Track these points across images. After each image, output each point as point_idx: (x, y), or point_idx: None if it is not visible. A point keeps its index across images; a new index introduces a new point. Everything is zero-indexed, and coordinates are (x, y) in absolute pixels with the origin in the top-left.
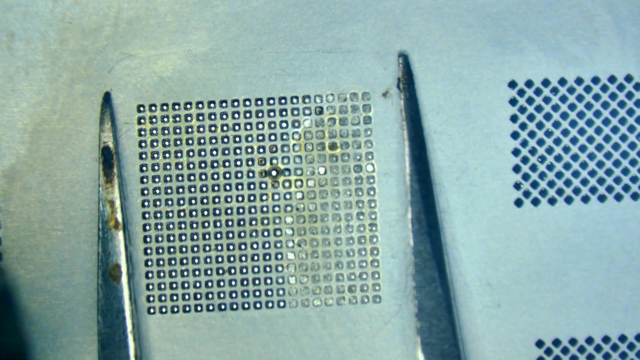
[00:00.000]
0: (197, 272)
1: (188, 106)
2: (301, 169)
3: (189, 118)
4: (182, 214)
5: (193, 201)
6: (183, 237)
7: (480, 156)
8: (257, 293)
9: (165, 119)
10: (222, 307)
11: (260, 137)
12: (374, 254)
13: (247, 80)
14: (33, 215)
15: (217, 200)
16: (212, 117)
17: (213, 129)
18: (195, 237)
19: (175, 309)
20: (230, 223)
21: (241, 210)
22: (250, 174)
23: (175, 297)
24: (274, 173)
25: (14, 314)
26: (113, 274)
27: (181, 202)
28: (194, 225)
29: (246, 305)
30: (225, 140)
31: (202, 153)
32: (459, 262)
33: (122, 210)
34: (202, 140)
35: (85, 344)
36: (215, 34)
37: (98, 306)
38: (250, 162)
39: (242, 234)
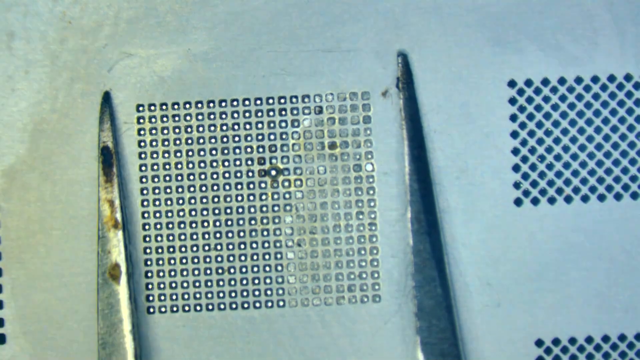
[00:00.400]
0: (196, 272)
1: (187, 106)
2: (301, 168)
3: (188, 117)
4: (181, 213)
5: (193, 201)
6: (183, 237)
7: (480, 155)
8: (257, 293)
9: (165, 119)
10: (222, 306)
11: (260, 137)
12: (374, 253)
13: (246, 80)
14: (33, 215)
15: (216, 200)
16: (212, 116)
17: (212, 128)
18: (195, 236)
19: (175, 309)
20: (230, 223)
21: (241, 210)
22: (250, 174)
23: (175, 297)
24: (273, 173)
25: None
26: (113, 273)
27: (181, 201)
28: (194, 225)
29: (246, 305)
30: (225, 139)
31: (202, 153)
32: (459, 262)
33: (122, 209)
34: (201, 140)
35: (85, 344)
36: (215, 34)
37: (98, 306)
38: (249, 162)
39: (242, 234)
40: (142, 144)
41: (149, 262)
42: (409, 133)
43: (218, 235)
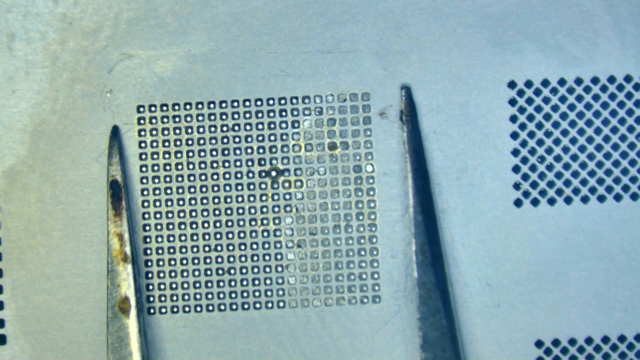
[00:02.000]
0: (197, 273)
1: (188, 107)
2: (301, 169)
3: (188, 118)
4: (182, 214)
5: (193, 201)
6: (183, 238)
7: (480, 156)
8: (257, 293)
9: (165, 120)
10: (222, 307)
11: (260, 138)
12: (374, 254)
13: (246, 81)
14: (33, 216)
15: (217, 200)
16: (212, 117)
17: (213, 129)
18: (195, 237)
19: (175, 309)
20: (230, 224)
21: (241, 210)
22: (250, 174)
23: (175, 298)
24: (273, 173)
25: None
26: (122, 307)
27: (181, 202)
28: (194, 226)
29: (246, 306)
30: (225, 140)
31: (202, 153)
32: (458, 262)
33: (131, 243)
34: (201, 141)
35: (85, 345)
36: (215, 35)
37: (107, 340)
38: (250, 163)
39: (242, 234)
40: (143, 144)
41: (149, 263)
42: (413, 165)
43: (218, 236)
